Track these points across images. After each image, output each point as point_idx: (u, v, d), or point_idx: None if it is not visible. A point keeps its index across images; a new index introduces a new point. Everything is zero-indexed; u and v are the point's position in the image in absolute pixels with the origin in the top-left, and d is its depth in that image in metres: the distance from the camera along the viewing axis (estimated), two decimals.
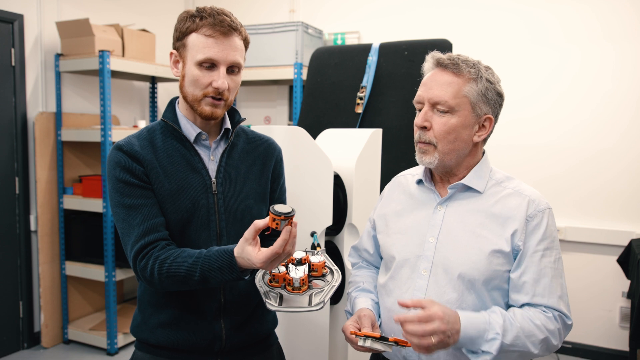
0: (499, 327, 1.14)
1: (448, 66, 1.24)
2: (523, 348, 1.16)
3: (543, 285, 1.21)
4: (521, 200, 1.25)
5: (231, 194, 1.33)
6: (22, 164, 3.47)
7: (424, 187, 1.36)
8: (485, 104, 1.25)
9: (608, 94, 3.42)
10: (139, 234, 1.22)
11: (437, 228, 1.28)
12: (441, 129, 1.24)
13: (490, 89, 1.25)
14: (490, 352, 1.14)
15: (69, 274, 3.64)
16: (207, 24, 1.24)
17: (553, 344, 1.19)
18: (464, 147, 1.27)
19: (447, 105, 1.23)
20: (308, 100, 2.92)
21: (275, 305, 1.19)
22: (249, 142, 1.42)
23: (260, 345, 1.44)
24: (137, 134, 1.33)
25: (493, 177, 1.31)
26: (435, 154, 1.25)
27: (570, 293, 3.96)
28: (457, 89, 1.23)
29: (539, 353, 1.19)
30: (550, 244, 1.23)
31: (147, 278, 1.22)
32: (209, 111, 1.28)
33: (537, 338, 1.17)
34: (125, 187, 1.24)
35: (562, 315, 1.21)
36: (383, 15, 4.05)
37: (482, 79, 1.24)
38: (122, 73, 3.70)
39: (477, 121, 1.26)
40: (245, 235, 1.15)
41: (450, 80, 1.24)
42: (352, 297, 1.44)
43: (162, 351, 1.33)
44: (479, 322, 1.15)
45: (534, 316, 1.18)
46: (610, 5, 3.39)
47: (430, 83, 1.26)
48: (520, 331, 1.15)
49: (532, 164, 3.62)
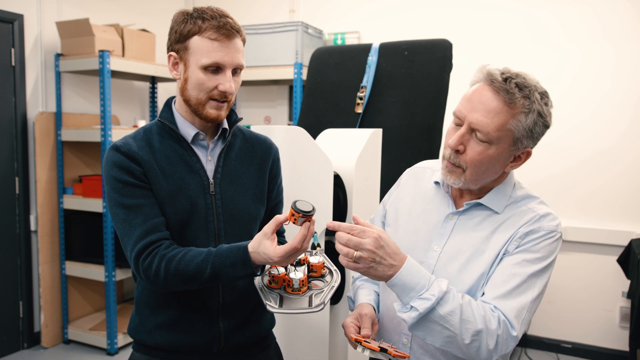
0: (439, 292, 1.07)
1: (500, 90, 1.12)
2: (453, 329, 1.08)
3: (504, 289, 1.13)
4: (532, 216, 1.19)
5: (229, 194, 1.33)
6: (22, 164, 3.47)
7: (440, 190, 1.32)
8: (528, 138, 1.15)
9: (608, 94, 3.42)
10: (141, 233, 1.21)
11: (444, 238, 1.25)
12: (475, 157, 1.15)
13: (539, 124, 1.14)
14: (417, 310, 1.07)
15: (69, 274, 3.64)
16: (211, 27, 1.22)
17: (488, 345, 1.08)
18: (492, 176, 1.21)
19: (488, 136, 1.12)
20: (308, 100, 2.92)
21: (275, 306, 1.19)
22: (246, 141, 1.42)
23: (259, 346, 1.44)
24: (134, 134, 1.31)
25: (513, 194, 1.24)
26: (462, 177, 1.18)
27: (570, 293, 3.94)
28: (504, 122, 1.12)
29: (470, 347, 1.08)
30: (538, 261, 1.15)
31: (150, 277, 1.21)
32: (215, 114, 1.28)
33: (474, 327, 1.08)
34: (124, 187, 1.23)
35: (508, 323, 1.10)
36: (383, 15, 4.05)
37: (533, 113, 1.12)
38: (122, 73, 3.70)
39: (514, 154, 1.18)
40: (265, 230, 1.16)
41: (498, 109, 1.12)
42: (356, 286, 1.43)
43: (160, 352, 1.33)
44: (421, 276, 1.09)
45: (480, 307, 1.11)
46: (610, 5, 3.39)
47: (475, 102, 1.14)
48: (459, 309, 1.08)
49: (532, 164, 3.57)
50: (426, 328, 1.10)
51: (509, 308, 1.11)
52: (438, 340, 1.11)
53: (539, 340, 3.68)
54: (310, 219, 1.15)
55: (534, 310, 1.17)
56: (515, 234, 1.17)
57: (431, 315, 1.08)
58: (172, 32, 1.28)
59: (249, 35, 3.95)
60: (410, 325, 1.11)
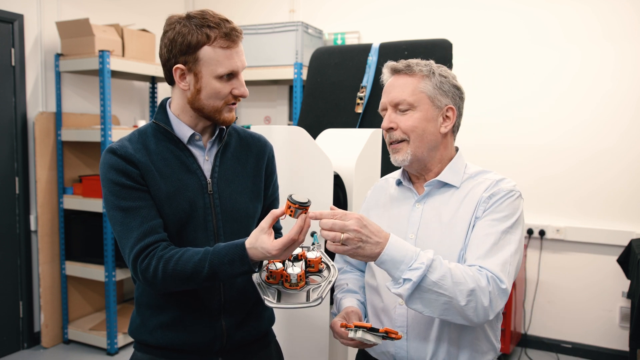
0: (427, 260, 1.13)
1: (402, 70, 1.33)
2: (449, 293, 1.12)
3: (483, 250, 1.20)
4: (490, 182, 1.30)
5: (227, 193, 1.33)
6: (22, 164, 3.47)
7: (403, 187, 1.41)
8: (443, 96, 1.32)
9: (608, 94, 3.42)
10: (139, 235, 1.21)
11: (415, 225, 1.32)
12: (406, 124, 1.30)
13: (445, 82, 1.32)
14: (410, 280, 1.12)
15: (69, 274, 3.64)
16: (220, 36, 1.23)
17: (483, 303, 1.13)
18: (433, 140, 1.32)
19: (406, 103, 1.30)
20: (308, 100, 2.92)
21: (273, 301, 1.19)
22: (240, 140, 1.43)
23: (259, 343, 1.44)
24: (129, 137, 1.31)
25: (467, 171, 1.35)
26: (408, 149, 1.31)
27: (570, 293, 3.95)
28: (414, 87, 1.31)
29: (467, 308, 1.13)
30: (505, 218, 1.23)
31: (148, 279, 1.21)
32: (231, 117, 1.32)
33: (466, 287, 1.12)
34: (121, 190, 1.23)
35: (496, 277, 1.16)
36: (383, 15, 4.05)
37: (434, 74, 1.31)
38: (122, 73, 3.70)
39: (440, 113, 1.32)
40: (262, 225, 1.17)
41: (405, 81, 1.32)
42: (338, 299, 1.47)
43: (162, 352, 1.33)
44: (407, 249, 1.15)
45: (467, 269, 1.17)
46: (610, 5, 3.39)
47: (389, 88, 1.35)
48: (449, 273, 1.13)
49: (532, 164, 3.62)
50: (422, 299, 1.14)
51: (492, 264, 1.18)
52: (436, 309, 1.15)
53: (539, 340, 3.68)
54: (306, 210, 1.17)
55: (516, 264, 1.23)
56: (480, 200, 1.27)
57: (424, 284, 1.12)
58: (175, 43, 1.24)
59: (249, 35, 3.95)
60: (407, 298, 1.14)
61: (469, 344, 1.27)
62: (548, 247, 3.61)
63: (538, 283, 3.65)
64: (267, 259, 1.18)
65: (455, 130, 1.37)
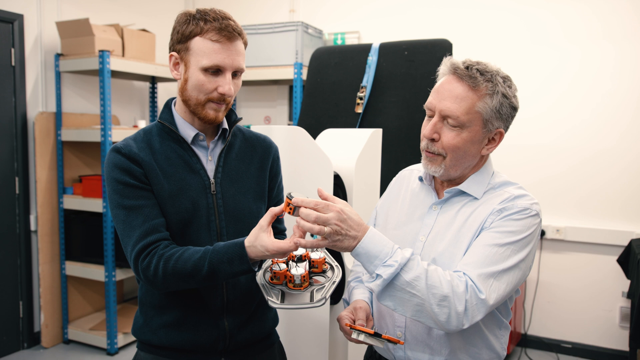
0: (402, 259, 1.10)
1: (463, 77, 1.19)
2: (420, 295, 1.10)
3: (475, 258, 1.16)
4: (506, 196, 1.24)
5: (230, 193, 1.34)
6: (22, 164, 3.47)
7: (424, 184, 1.37)
8: (497, 119, 1.21)
9: (608, 93, 3.42)
10: (141, 234, 1.22)
11: (428, 228, 1.30)
12: (450, 142, 1.21)
13: (505, 105, 1.21)
14: (381, 276, 1.10)
15: (69, 274, 3.64)
16: (213, 29, 1.23)
17: (457, 310, 1.10)
18: (471, 161, 1.26)
19: (458, 120, 1.19)
20: (308, 100, 2.92)
21: (277, 302, 1.19)
22: (245, 141, 1.43)
23: (263, 344, 1.44)
24: (134, 136, 1.32)
25: (492, 181, 1.29)
26: (442, 164, 1.24)
27: (570, 293, 3.94)
28: (471, 105, 1.18)
29: (440, 314, 1.10)
30: (512, 235, 1.17)
31: (149, 277, 1.22)
32: (213, 115, 1.29)
33: (440, 292, 1.10)
34: (125, 189, 1.24)
35: (475, 287, 1.12)
36: (383, 15, 4.05)
37: (497, 95, 1.19)
38: (122, 73, 3.70)
39: (487, 136, 1.24)
40: (261, 223, 1.17)
41: (464, 94, 1.19)
42: (351, 287, 1.46)
43: (166, 351, 1.33)
44: (383, 245, 1.12)
45: (447, 274, 1.14)
46: (610, 5, 3.39)
47: (443, 92, 1.22)
48: (424, 274, 1.11)
49: (532, 164, 3.62)
50: (394, 297, 1.12)
51: (476, 273, 1.14)
52: (408, 309, 1.13)
53: (539, 340, 3.68)
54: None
55: (513, 283, 1.17)
56: (491, 212, 1.21)
57: (396, 282, 1.11)
58: (174, 32, 1.28)
59: (249, 35, 3.95)
60: (378, 294, 1.13)
61: (468, 351, 1.26)
62: (548, 247, 3.61)
63: (538, 283, 3.66)
64: (265, 258, 1.18)
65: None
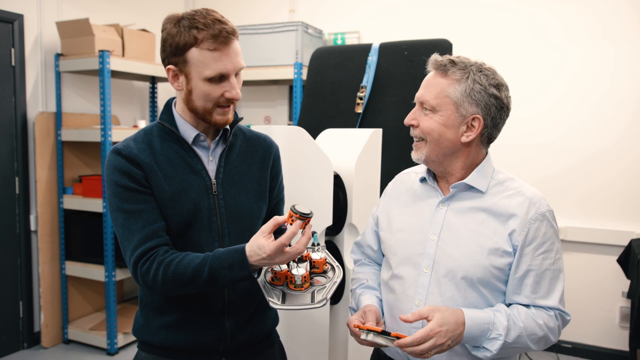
0: (503, 329, 1.19)
1: (439, 68, 1.29)
2: (523, 345, 1.22)
3: (543, 288, 1.24)
4: (522, 201, 1.26)
5: (231, 194, 1.33)
6: (22, 164, 3.47)
7: (427, 185, 1.38)
8: (471, 104, 1.25)
9: (607, 93, 3.42)
10: (140, 239, 1.21)
11: (438, 226, 1.30)
12: (424, 125, 1.29)
13: (479, 90, 1.25)
14: (490, 350, 1.19)
15: (69, 273, 3.64)
16: (208, 37, 1.19)
17: (551, 340, 1.25)
18: (450, 147, 1.28)
19: (429, 104, 1.28)
20: (308, 100, 2.92)
21: (278, 303, 1.19)
22: (246, 141, 1.42)
23: (263, 344, 1.44)
24: (134, 137, 1.31)
25: (495, 177, 1.33)
26: (424, 150, 1.30)
27: (570, 293, 3.93)
28: (440, 90, 1.27)
29: (537, 349, 1.25)
30: (550, 245, 1.26)
31: (149, 283, 1.21)
32: (223, 119, 1.28)
33: (537, 336, 1.22)
34: (124, 192, 1.23)
35: (562, 313, 1.26)
36: (383, 15, 4.05)
37: (467, 80, 1.25)
38: (122, 73, 3.70)
39: (464, 121, 1.26)
40: (262, 229, 1.17)
41: (434, 80, 1.29)
42: (357, 294, 1.44)
43: (166, 352, 1.33)
44: (482, 322, 1.19)
45: (537, 315, 1.23)
46: (610, 5, 3.39)
47: (423, 84, 1.32)
48: (523, 330, 1.20)
49: (532, 164, 3.62)
50: (500, 355, 1.22)
51: (556, 301, 1.25)
52: (512, 355, 1.31)
53: None
54: (308, 221, 1.17)
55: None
56: (514, 220, 1.24)
57: (502, 347, 1.21)
58: (166, 44, 1.24)
59: (249, 35, 3.95)
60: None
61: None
62: None
63: None
64: (264, 261, 1.17)
65: (484, 140, 1.31)
